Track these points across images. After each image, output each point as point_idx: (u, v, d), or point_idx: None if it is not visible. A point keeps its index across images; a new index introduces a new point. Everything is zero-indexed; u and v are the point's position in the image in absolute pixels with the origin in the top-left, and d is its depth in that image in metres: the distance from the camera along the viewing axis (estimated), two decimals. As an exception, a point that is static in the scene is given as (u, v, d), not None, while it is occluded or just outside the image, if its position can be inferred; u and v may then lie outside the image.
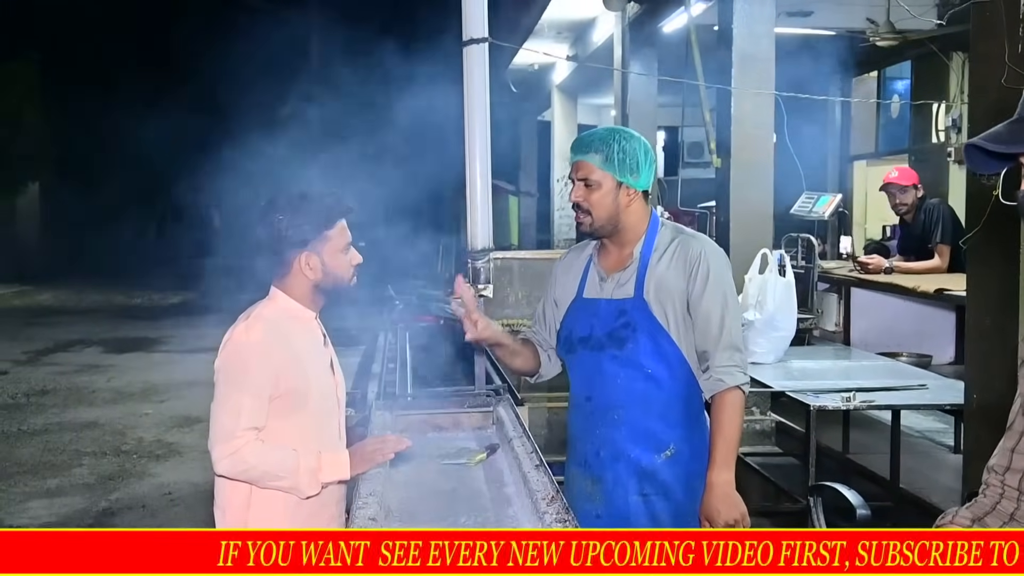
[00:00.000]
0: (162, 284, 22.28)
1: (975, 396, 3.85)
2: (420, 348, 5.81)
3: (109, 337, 14.51)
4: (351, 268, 2.75)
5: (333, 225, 2.68)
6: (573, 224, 16.48)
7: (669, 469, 2.84)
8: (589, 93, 15.95)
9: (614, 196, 2.84)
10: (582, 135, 2.99)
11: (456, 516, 2.53)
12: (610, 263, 2.96)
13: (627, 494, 2.85)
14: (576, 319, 2.96)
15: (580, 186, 2.86)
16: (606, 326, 2.86)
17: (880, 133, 11.96)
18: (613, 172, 2.82)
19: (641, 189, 2.88)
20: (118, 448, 7.86)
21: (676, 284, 2.82)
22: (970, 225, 3.89)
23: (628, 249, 2.91)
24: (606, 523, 2.80)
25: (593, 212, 2.85)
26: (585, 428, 2.95)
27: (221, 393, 2.62)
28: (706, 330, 2.80)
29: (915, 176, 6.57)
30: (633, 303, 2.85)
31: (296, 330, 2.71)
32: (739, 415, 2.80)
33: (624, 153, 2.83)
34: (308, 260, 2.66)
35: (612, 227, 2.88)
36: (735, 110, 6.52)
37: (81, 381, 10.91)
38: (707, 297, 2.80)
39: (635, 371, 2.82)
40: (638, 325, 2.82)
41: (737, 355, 2.81)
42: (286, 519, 2.66)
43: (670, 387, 2.83)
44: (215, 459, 2.58)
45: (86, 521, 6.11)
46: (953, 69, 9.83)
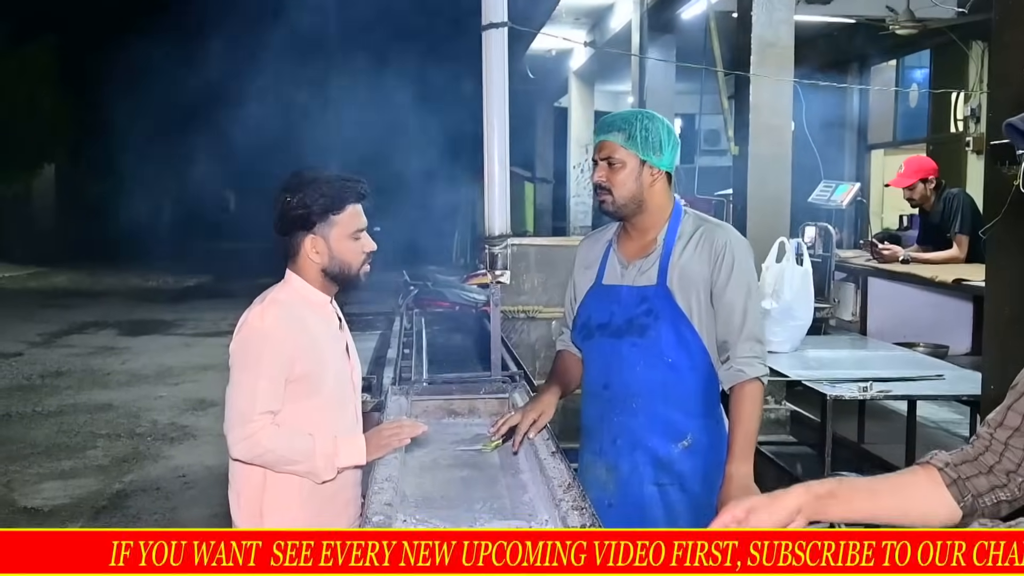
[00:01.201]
0: (177, 266, 22.37)
1: (992, 387, 3.80)
2: (436, 334, 5.82)
3: (124, 319, 14.59)
4: (361, 255, 2.69)
5: (342, 210, 2.63)
6: (589, 211, 16.46)
7: (686, 459, 2.82)
8: (606, 80, 15.87)
9: (637, 175, 2.82)
10: (605, 116, 2.97)
11: (471, 502, 2.52)
12: (632, 250, 2.92)
13: (642, 483, 2.83)
14: (595, 306, 2.94)
15: (603, 166, 2.84)
16: (627, 313, 2.84)
17: (898, 122, 11.86)
18: (636, 150, 2.80)
19: (664, 169, 2.85)
20: (132, 430, 7.91)
21: (700, 273, 2.80)
22: (989, 215, 3.84)
23: (651, 236, 2.88)
24: (618, 512, 2.78)
25: (615, 191, 2.83)
26: (601, 416, 2.93)
27: (236, 377, 2.61)
28: (729, 320, 2.77)
29: (923, 169, 6.45)
30: (656, 291, 2.82)
31: (311, 314, 2.70)
32: (758, 407, 2.77)
33: (647, 131, 2.81)
34: (314, 244, 2.64)
35: (635, 206, 2.85)
36: (753, 97, 6.46)
37: (96, 363, 10.98)
38: (731, 287, 2.77)
39: (655, 359, 2.80)
40: (660, 313, 2.80)
41: (758, 346, 2.79)
42: (301, 503, 2.66)
43: (690, 377, 2.81)
44: (231, 443, 2.58)
45: (100, 503, 6.15)
46: (972, 58, 9.74)
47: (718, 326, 2.79)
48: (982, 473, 1.71)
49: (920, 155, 6.71)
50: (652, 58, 9.83)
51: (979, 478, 1.71)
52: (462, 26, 16.29)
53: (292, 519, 2.64)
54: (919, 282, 5.65)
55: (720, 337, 2.80)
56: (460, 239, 22.88)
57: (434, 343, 5.43)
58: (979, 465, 1.72)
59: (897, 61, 11.64)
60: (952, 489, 1.71)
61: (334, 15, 31.94)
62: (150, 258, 23.73)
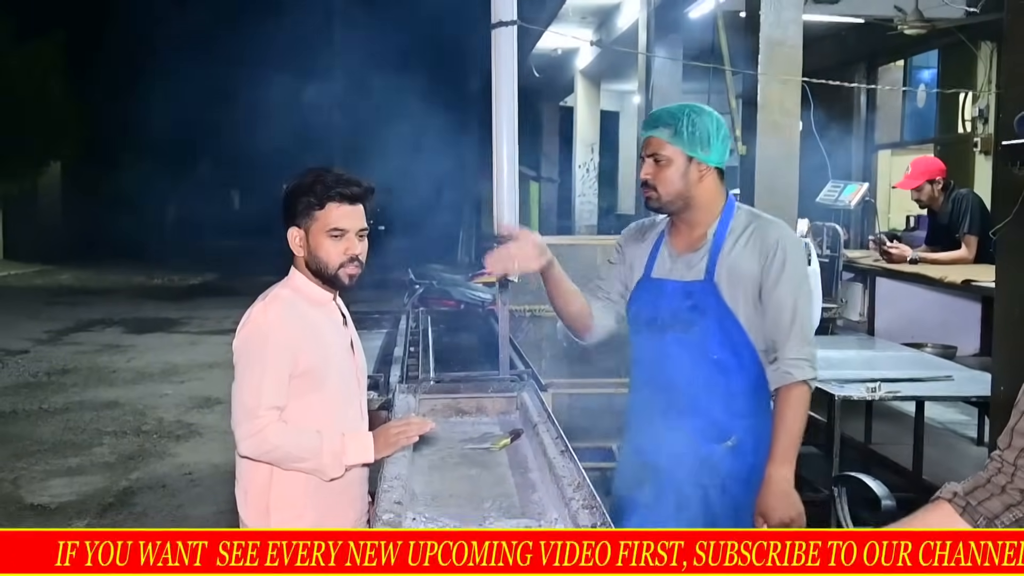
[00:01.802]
0: (182, 265, 22.40)
1: (1002, 388, 3.80)
2: (441, 332, 5.81)
3: (130, 317, 14.61)
4: (339, 256, 2.65)
5: (323, 206, 2.63)
6: (595, 211, 16.49)
7: (730, 460, 2.75)
8: (613, 79, 15.87)
9: (683, 171, 2.74)
10: (653, 112, 2.89)
11: (480, 501, 2.52)
12: (681, 243, 2.85)
13: (682, 484, 2.75)
14: (643, 299, 2.88)
15: (649, 163, 2.77)
16: (672, 307, 2.78)
17: (905, 123, 11.83)
18: (682, 146, 2.73)
19: (714, 165, 2.78)
20: (138, 428, 7.91)
21: (750, 270, 2.72)
22: (999, 215, 3.83)
23: (701, 230, 2.81)
24: (655, 514, 2.73)
25: (660, 188, 2.76)
26: (643, 413, 2.87)
27: (241, 373, 2.61)
28: (777, 320, 2.70)
29: (930, 170, 6.42)
30: (703, 286, 2.75)
31: (314, 309, 2.70)
32: (804, 410, 2.69)
33: (694, 126, 2.73)
34: (296, 235, 2.67)
35: (682, 203, 2.78)
36: (761, 97, 6.44)
37: (102, 361, 10.99)
38: (781, 286, 2.70)
39: (700, 356, 2.73)
40: (707, 309, 2.73)
41: (808, 348, 2.71)
42: (307, 500, 2.66)
43: (736, 375, 2.73)
44: (238, 439, 2.58)
45: (107, 500, 6.15)
46: (981, 58, 9.72)
47: (767, 325, 2.71)
48: (995, 495, 1.70)
49: (927, 156, 6.68)
50: (659, 56, 9.81)
51: (992, 500, 1.70)
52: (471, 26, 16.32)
53: (298, 516, 2.64)
54: (927, 282, 5.63)
55: (768, 336, 2.72)
56: (465, 237, 22.91)
57: (440, 341, 5.43)
58: (991, 488, 1.71)
59: (905, 61, 11.61)
60: (965, 517, 1.71)
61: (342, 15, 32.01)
62: (156, 256, 23.81)
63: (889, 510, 3.53)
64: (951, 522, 1.72)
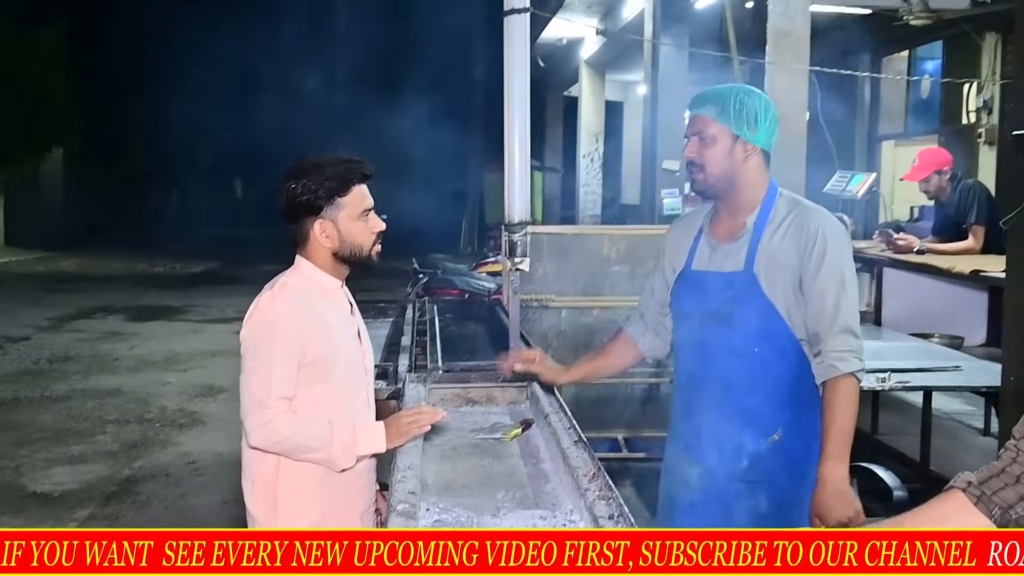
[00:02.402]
0: (184, 253, 22.40)
1: (1012, 378, 3.78)
2: (448, 322, 5.79)
3: (132, 305, 14.60)
4: (371, 236, 2.67)
5: (347, 191, 2.61)
6: (599, 200, 16.44)
7: (775, 455, 2.69)
8: (618, 69, 15.80)
9: (729, 150, 2.69)
10: (700, 92, 2.81)
11: (494, 491, 2.50)
12: (721, 232, 2.80)
13: (728, 480, 2.71)
14: (683, 293, 2.84)
15: (694, 141, 2.73)
16: (713, 300, 2.73)
17: (909, 114, 11.81)
18: (729, 124, 2.68)
19: (760, 145, 2.71)
20: (141, 416, 7.90)
21: (789, 259, 2.65)
22: (1010, 205, 3.80)
23: (741, 218, 2.75)
24: (700, 511, 2.70)
25: (707, 168, 2.71)
26: (687, 409, 2.82)
27: (250, 363, 2.58)
28: (820, 311, 2.62)
29: (936, 161, 6.38)
30: (742, 277, 2.69)
31: (322, 298, 2.67)
32: (853, 404, 2.60)
33: (742, 104, 2.69)
34: (323, 228, 2.62)
35: (727, 184, 2.73)
36: (769, 87, 6.42)
37: (104, 348, 10.98)
38: (822, 276, 2.62)
39: (742, 349, 2.67)
40: (746, 300, 2.67)
41: (852, 339, 2.62)
42: (316, 491, 2.64)
43: (778, 368, 2.67)
44: (248, 430, 2.55)
45: (110, 488, 6.14)
46: (986, 49, 9.69)
47: (808, 317, 2.64)
48: (1009, 485, 1.68)
49: (934, 147, 6.64)
50: (666, 43, 9.75)
51: (1007, 490, 1.68)
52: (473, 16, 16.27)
53: (306, 506, 2.63)
54: (935, 273, 5.60)
55: (811, 329, 2.64)
56: (468, 227, 22.90)
57: (447, 331, 5.40)
58: (1006, 477, 1.69)
59: (909, 52, 11.57)
60: (980, 506, 1.69)
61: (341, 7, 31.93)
62: (157, 243, 23.83)
63: (901, 500, 3.53)
64: (964, 511, 1.70)
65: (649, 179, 10.38)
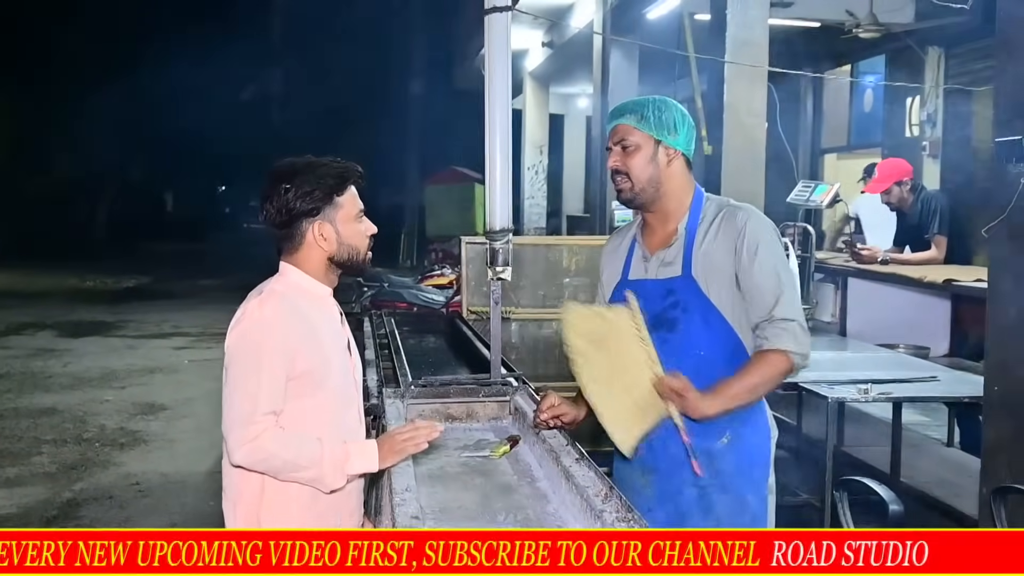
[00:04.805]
0: (115, 267, 21.77)
1: (996, 388, 3.73)
2: (408, 334, 5.62)
3: (63, 320, 14.09)
4: (366, 238, 2.55)
5: (344, 190, 2.49)
6: (543, 213, 16.37)
7: (727, 456, 2.67)
8: (562, 82, 15.74)
9: (652, 156, 2.71)
10: (619, 104, 2.85)
11: (493, 513, 2.36)
12: (654, 241, 2.80)
13: (682, 485, 2.67)
14: (621, 302, 2.77)
15: (617, 151, 2.74)
16: (654, 308, 2.68)
17: (852, 127, 11.92)
18: (650, 131, 2.71)
19: (681, 149, 2.74)
20: (79, 436, 7.57)
21: (724, 258, 2.66)
22: (993, 212, 3.75)
23: (672, 225, 2.76)
24: (657, 517, 2.62)
25: (632, 175, 2.72)
26: None
27: (235, 375, 2.40)
28: (759, 304, 2.63)
29: (896, 172, 6.38)
30: (681, 282, 2.69)
31: (312, 307, 2.50)
32: (771, 374, 2.61)
33: (660, 112, 2.72)
34: (321, 230, 2.47)
35: (653, 191, 2.73)
36: (728, 96, 6.40)
37: (36, 365, 10.55)
38: (756, 270, 2.63)
39: (687, 353, 2.65)
40: (688, 305, 2.66)
41: (793, 326, 2.62)
42: (302, 513, 2.45)
43: (725, 369, 2.63)
44: (231, 447, 2.36)
45: (50, 512, 5.85)
46: (929, 63, 9.81)
47: (750, 311, 2.65)
48: None
49: (894, 159, 6.68)
50: (637, 41, 9.66)
51: None
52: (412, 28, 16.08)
53: (291, 529, 2.44)
54: (904, 283, 5.59)
55: (753, 322, 2.66)
56: (407, 240, 22.70)
57: (407, 343, 5.24)
58: None
59: (851, 67, 11.69)
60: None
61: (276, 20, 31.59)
62: (87, 258, 23.12)
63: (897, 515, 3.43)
64: None
65: (599, 190, 10.30)
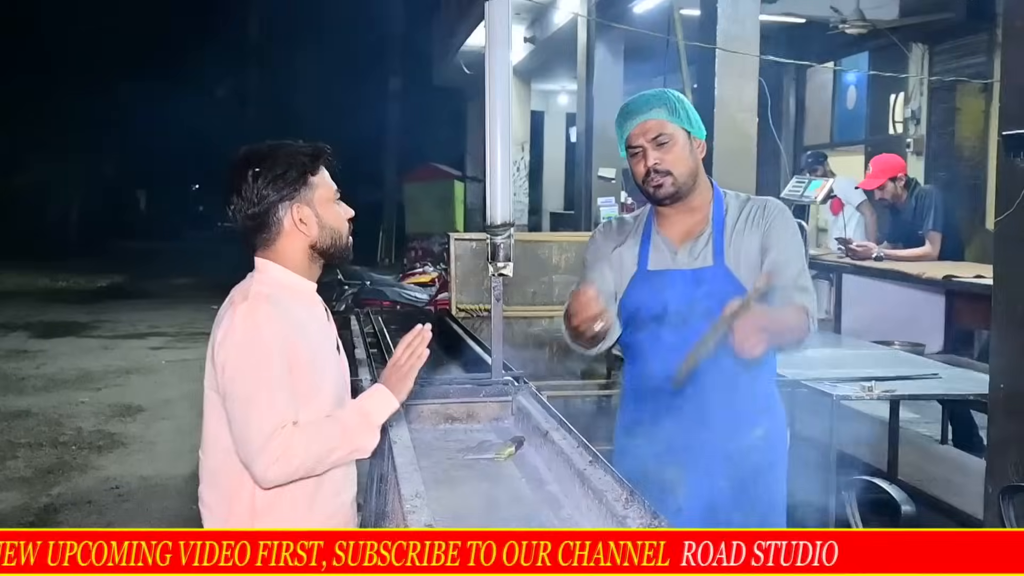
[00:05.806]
0: (88, 267, 21.44)
1: (1002, 385, 3.66)
2: (396, 333, 5.50)
3: (35, 321, 13.84)
4: (346, 222, 2.39)
5: (318, 169, 2.32)
6: (525, 210, 16.26)
7: (761, 451, 2.62)
8: (544, 78, 15.66)
9: (690, 149, 2.63)
10: (633, 99, 2.69)
11: (506, 520, 2.25)
12: (678, 232, 2.68)
13: (714, 481, 2.58)
14: (643, 294, 2.66)
15: (651, 148, 2.60)
16: (684, 300, 2.58)
17: (835, 124, 11.90)
18: (681, 123, 2.61)
19: (704, 141, 2.70)
20: (55, 439, 7.38)
21: (754, 247, 2.61)
22: (1000, 208, 3.69)
23: (698, 215, 2.67)
24: (687, 517, 2.52)
25: (675, 170, 2.60)
26: (664, 412, 2.62)
27: (243, 394, 2.20)
28: (784, 276, 2.55)
29: (890, 167, 6.33)
30: (714, 272, 2.60)
31: (299, 306, 2.33)
32: (796, 322, 2.51)
33: (682, 103, 2.64)
34: (299, 214, 2.29)
35: (692, 183, 2.64)
36: (719, 91, 6.32)
37: (8, 367, 10.32)
38: (785, 249, 2.60)
39: (723, 346, 2.47)
40: (722, 294, 2.51)
41: (808, 296, 2.60)
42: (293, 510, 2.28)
43: (758, 361, 2.47)
44: (262, 470, 2.17)
45: (27, 519, 5.67)
46: (913, 60, 9.79)
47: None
48: None
49: (887, 154, 6.62)
50: (626, 27, 9.52)
51: None
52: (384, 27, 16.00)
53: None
54: (902, 279, 5.53)
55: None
56: (385, 238, 22.56)
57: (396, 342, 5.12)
58: None
59: (834, 63, 11.66)
60: None
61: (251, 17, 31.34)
62: (59, 258, 22.77)
63: (909, 515, 3.35)
64: None
65: (584, 187, 10.21)
